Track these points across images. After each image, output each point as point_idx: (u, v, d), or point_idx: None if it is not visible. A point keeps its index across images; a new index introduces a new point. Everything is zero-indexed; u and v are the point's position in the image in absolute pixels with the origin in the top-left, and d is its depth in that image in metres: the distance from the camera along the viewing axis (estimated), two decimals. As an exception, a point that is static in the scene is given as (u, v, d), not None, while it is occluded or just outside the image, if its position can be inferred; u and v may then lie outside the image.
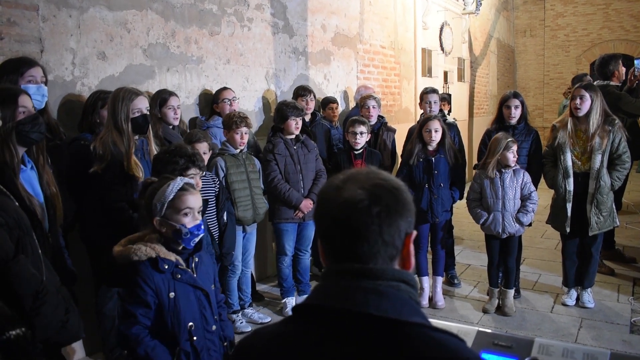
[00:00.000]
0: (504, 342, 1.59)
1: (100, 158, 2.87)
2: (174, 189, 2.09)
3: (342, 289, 0.97)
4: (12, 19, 3.23)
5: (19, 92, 2.16)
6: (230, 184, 3.91)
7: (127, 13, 3.86)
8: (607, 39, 12.98)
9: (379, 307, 0.93)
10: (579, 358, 1.51)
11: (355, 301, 0.94)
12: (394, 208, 1.00)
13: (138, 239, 2.15)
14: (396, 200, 1.01)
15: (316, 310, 0.99)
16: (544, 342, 1.56)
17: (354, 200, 0.98)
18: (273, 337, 1.04)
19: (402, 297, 0.97)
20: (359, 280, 0.97)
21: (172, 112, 3.80)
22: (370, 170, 1.06)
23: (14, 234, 1.59)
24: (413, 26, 8.05)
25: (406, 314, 0.94)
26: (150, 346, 1.96)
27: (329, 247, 1.04)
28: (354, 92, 6.23)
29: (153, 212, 2.08)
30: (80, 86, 3.60)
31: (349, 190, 1.00)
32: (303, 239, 4.46)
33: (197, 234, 2.14)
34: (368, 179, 1.02)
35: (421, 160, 4.35)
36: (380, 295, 0.95)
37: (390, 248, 1.00)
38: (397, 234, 1.00)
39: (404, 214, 1.01)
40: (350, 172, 1.07)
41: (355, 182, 1.02)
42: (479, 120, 10.98)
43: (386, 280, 0.97)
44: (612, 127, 4.08)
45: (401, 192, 1.03)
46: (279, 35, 5.30)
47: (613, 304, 4.41)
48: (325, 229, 1.04)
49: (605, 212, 4.13)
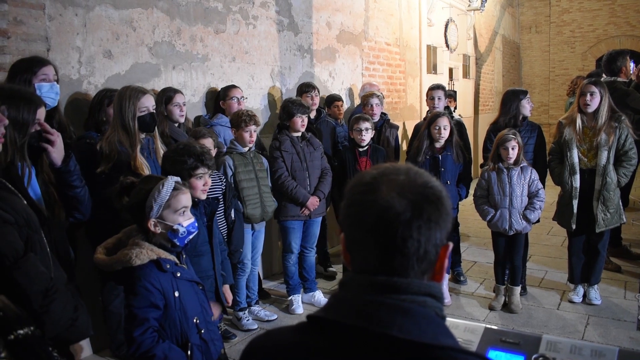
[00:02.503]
0: (512, 339, 1.58)
1: (106, 157, 2.87)
2: (168, 189, 2.08)
3: (364, 305, 0.90)
4: (18, 18, 3.24)
5: (39, 105, 2.16)
6: (239, 182, 3.92)
7: (133, 11, 3.87)
8: (613, 35, 12.91)
9: (402, 328, 0.86)
10: (587, 355, 1.50)
11: (378, 320, 0.87)
12: (435, 221, 0.92)
13: (116, 243, 2.13)
14: (439, 213, 0.93)
15: (334, 325, 0.91)
16: (552, 339, 1.55)
17: (393, 209, 0.90)
18: (286, 345, 0.98)
19: (428, 315, 0.90)
20: (383, 295, 0.90)
21: (177, 110, 3.81)
22: (409, 169, 0.97)
23: (24, 232, 1.60)
24: (418, 23, 8.03)
25: (431, 335, 0.88)
26: (166, 348, 1.97)
27: (358, 255, 0.96)
28: (359, 90, 6.22)
29: (147, 213, 2.06)
30: (87, 84, 3.61)
31: (387, 196, 0.91)
32: (309, 236, 4.47)
33: (192, 232, 2.15)
34: (409, 184, 0.93)
35: (428, 158, 4.35)
36: (405, 314, 0.88)
37: (425, 263, 0.93)
38: (434, 248, 0.93)
39: (443, 227, 0.94)
40: (384, 169, 0.97)
41: (394, 185, 0.93)
42: (484, 117, 10.95)
43: (412, 294, 0.91)
44: (619, 123, 4.07)
45: (443, 203, 0.94)
46: (284, 32, 5.30)
47: (620, 300, 4.40)
48: (357, 237, 0.95)
49: (612, 208, 4.11)
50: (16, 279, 1.36)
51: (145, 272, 1.99)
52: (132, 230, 2.14)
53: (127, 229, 2.16)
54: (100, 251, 2.06)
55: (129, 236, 2.11)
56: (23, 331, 1.06)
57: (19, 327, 1.06)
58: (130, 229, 2.15)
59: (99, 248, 2.08)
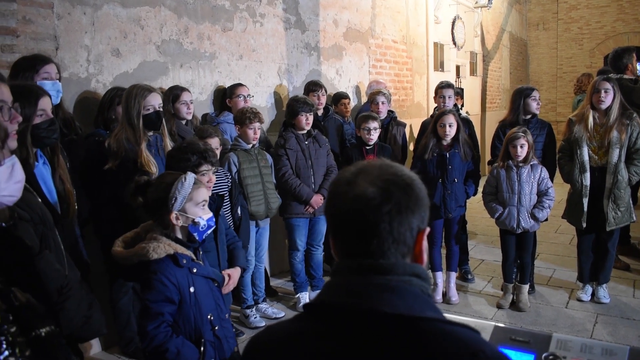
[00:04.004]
0: (522, 337, 1.58)
1: (114, 154, 2.90)
2: (190, 183, 2.11)
3: (353, 286, 0.96)
4: (27, 17, 3.25)
5: (40, 94, 2.19)
6: (243, 179, 3.92)
7: (141, 10, 3.88)
8: (621, 32, 12.81)
9: (391, 304, 0.92)
10: (597, 353, 1.49)
11: (367, 298, 0.93)
12: (405, 205, 0.98)
13: (135, 237, 2.15)
14: (408, 197, 0.98)
15: (328, 307, 0.97)
16: (562, 338, 1.54)
17: (365, 197, 0.97)
18: (285, 335, 1.03)
19: (413, 292, 0.96)
20: (370, 276, 0.96)
21: (185, 107, 3.82)
22: (382, 163, 1.04)
23: (39, 230, 1.61)
24: (425, 20, 8.00)
25: (418, 309, 0.93)
26: (179, 343, 1.98)
27: (340, 243, 1.03)
28: (366, 87, 6.21)
29: (170, 206, 2.08)
30: (95, 83, 3.62)
31: (360, 186, 0.98)
32: (315, 234, 4.47)
33: (211, 226, 2.18)
34: (380, 174, 1.00)
35: (435, 155, 4.34)
36: (392, 291, 0.94)
37: (401, 245, 0.98)
38: (408, 231, 0.98)
39: (416, 211, 0.99)
40: (361, 164, 1.05)
41: (367, 176, 0.99)
42: (492, 115, 10.91)
43: (397, 275, 0.96)
44: (630, 120, 4.04)
45: (414, 188, 1.00)
46: (291, 30, 5.30)
47: (629, 299, 4.37)
48: (336, 225, 1.03)
49: (622, 207, 4.09)
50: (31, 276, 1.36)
51: (162, 267, 2.00)
52: (151, 225, 2.16)
53: (146, 223, 2.19)
54: (118, 244, 2.09)
55: (147, 231, 2.13)
56: (45, 329, 1.07)
57: (41, 326, 1.07)
58: (149, 224, 2.17)
59: (117, 241, 2.10)
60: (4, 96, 1.67)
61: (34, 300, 1.16)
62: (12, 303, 1.08)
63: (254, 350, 1.06)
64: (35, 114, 2.14)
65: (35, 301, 1.17)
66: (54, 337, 1.16)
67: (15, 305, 1.09)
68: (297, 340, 0.99)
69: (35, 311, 1.14)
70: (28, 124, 2.07)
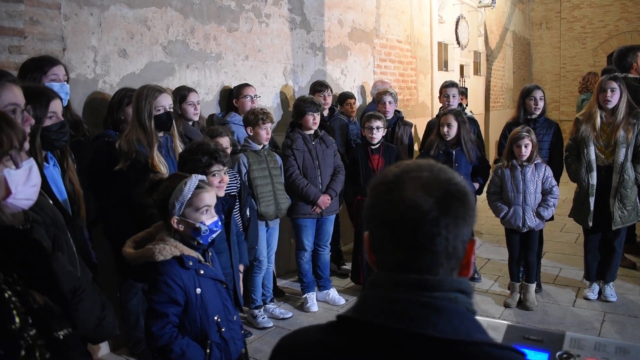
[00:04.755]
0: (535, 336, 1.58)
1: (125, 155, 2.90)
2: (191, 188, 2.09)
3: (396, 303, 0.89)
4: (34, 18, 3.26)
5: (52, 97, 2.19)
6: (253, 179, 3.93)
7: (147, 10, 3.88)
8: (624, 31, 12.77)
9: (437, 326, 0.86)
10: (611, 352, 1.49)
11: (410, 319, 0.87)
12: (462, 217, 0.92)
13: (146, 237, 2.15)
14: (465, 209, 0.93)
15: (366, 326, 0.90)
16: (575, 336, 1.54)
17: (420, 209, 0.89)
18: (314, 345, 0.97)
19: (460, 311, 0.90)
20: (415, 294, 0.90)
21: (192, 108, 3.82)
22: (432, 166, 0.96)
23: (51, 231, 1.61)
24: (429, 20, 8.00)
25: (465, 332, 0.88)
26: (184, 344, 1.98)
27: (384, 254, 0.96)
28: (371, 87, 6.21)
29: (170, 211, 2.08)
30: (102, 84, 3.63)
31: (412, 194, 0.91)
32: (322, 234, 4.47)
33: (215, 230, 2.15)
34: (433, 180, 0.93)
35: (441, 153, 4.35)
36: (438, 312, 0.88)
37: (453, 259, 0.93)
38: (461, 243, 0.93)
39: (470, 222, 0.94)
40: (406, 166, 0.97)
41: (418, 183, 0.92)
42: (495, 114, 10.90)
43: (443, 291, 0.90)
44: (637, 119, 4.03)
45: (469, 198, 0.94)
46: (296, 30, 5.30)
47: (636, 297, 4.37)
48: (383, 235, 0.95)
49: (629, 206, 4.08)
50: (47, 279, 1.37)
51: (167, 268, 2.00)
52: (162, 225, 2.16)
53: (158, 223, 2.19)
54: (129, 244, 2.09)
55: (158, 231, 2.13)
56: (63, 332, 1.07)
57: (59, 328, 1.07)
58: (161, 224, 2.17)
59: (128, 241, 2.10)
60: (17, 99, 1.68)
61: (51, 303, 1.16)
62: (30, 306, 1.08)
63: (282, 354, 1.02)
64: (46, 116, 2.14)
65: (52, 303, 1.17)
66: (71, 340, 1.16)
67: (34, 307, 1.09)
68: (324, 353, 0.94)
69: (53, 313, 1.15)
70: (38, 125, 2.07)
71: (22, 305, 1.05)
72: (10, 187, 1.19)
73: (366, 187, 4.24)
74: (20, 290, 1.08)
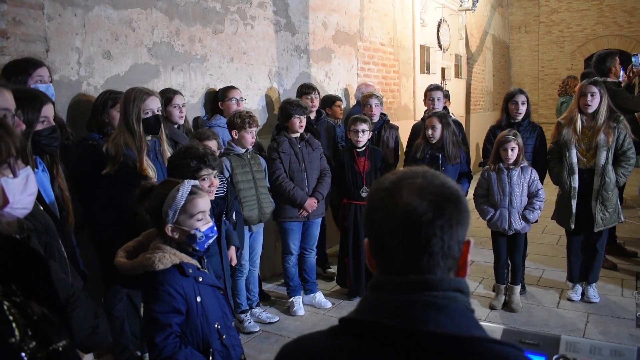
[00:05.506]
0: (531, 339, 1.59)
1: (112, 159, 2.84)
2: (184, 194, 2.03)
3: (398, 303, 0.93)
4: (17, 18, 3.19)
5: (45, 101, 2.13)
6: (236, 183, 3.89)
7: (132, 12, 3.83)
8: (601, 35, 13.04)
9: (438, 323, 0.90)
10: (606, 354, 1.51)
11: (413, 317, 0.91)
12: (456, 218, 0.96)
13: (137, 247, 2.09)
14: (458, 211, 0.97)
15: (367, 325, 0.93)
16: (571, 340, 1.56)
17: (416, 211, 0.94)
18: (317, 350, 0.98)
19: (459, 309, 0.94)
20: (416, 293, 0.93)
21: (177, 111, 3.78)
22: (426, 172, 1.01)
23: (42, 239, 1.57)
24: (412, 23, 8.05)
25: (465, 328, 0.91)
26: (188, 353, 1.94)
27: (384, 258, 0.99)
28: (355, 90, 6.22)
29: (163, 219, 2.02)
30: (86, 86, 3.57)
31: (407, 199, 0.95)
32: (308, 237, 4.46)
33: (211, 236, 2.11)
34: (427, 185, 0.97)
35: (427, 157, 4.37)
36: (439, 310, 0.91)
37: (450, 259, 0.97)
38: (457, 244, 0.97)
39: (464, 223, 0.98)
40: (401, 173, 1.01)
41: (412, 187, 0.97)
42: (476, 117, 11.02)
43: (443, 290, 0.94)
44: (617, 123, 4.11)
45: (462, 201, 0.99)
46: (281, 33, 5.28)
47: (618, 298, 4.44)
48: (382, 239, 0.98)
49: (610, 208, 4.15)
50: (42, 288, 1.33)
51: (168, 277, 1.95)
52: (153, 233, 2.10)
53: (148, 231, 2.12)
54: (120, 255, 2.02)
55: (150, 239, 2.08)
56: (62, 343, 1.04)
57: (58, 340, 1.04)
58: (152, 232, 2.11)
59: (120, 251, 2.03)
60: (8, 103, 1.63)
61: (49, 313, 1.13)
62: (30, 317, 1.05)
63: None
64: (38, 120, 2.09)
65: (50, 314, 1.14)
66: (69, 351, 1.14)
67: (33, 319, 1.06)
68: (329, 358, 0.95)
69: (52, 324, 1.12)
70: (30, 130, 2.02)
71: (21, 317, 1.02)
72: (8, 196, 1.15)
73: (352, 189, 4.26)
74: (20, 302, 1.05)
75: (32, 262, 1.13)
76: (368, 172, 4.47)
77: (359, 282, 4.52)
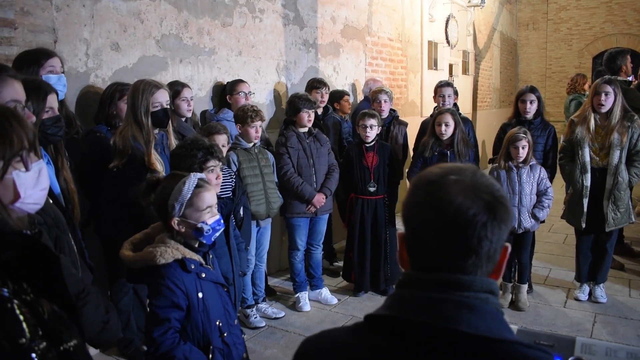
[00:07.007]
0: (546, 341, 1.56)
1: (120, 153, 2.81)
2: (190, 187, 2.01)
3: (429, 301, 0.91)
4: (25, 9, 3.16)
5: (49, 91, 2.11)
6: (243, 178, 3.85)
7: (141, 3, 3.79)
8: (609, 33, 12.93)
9: (470, 324, 0.88)
10: (622, 357, 1.48)
11: (445, 316, 0.89)
12: (504, 222, 0.94)
13: (144, 239, 2.07)
14: (507, 215, 0.95)
15: (395, 322, 0.92)
16: (586, 342, 1.53)
17: (468, 211, 0.91)
18: (341, 347, 0.96)
19: (491, 310, 0.92)
20: (448, 292, 0.92)
21: (185, 104, 3.75)
22: (475, 171, 0.98)
23: (53, 233, 1.54)
24: (420, 19, 7.99)
25: (496, 330, 0.90)
26: (187, 350, 1.92)
27: (421, 254, 0.97)
28: (362, 85, 6.18)
29: (170, 212, 2.00)
30: (94, 77, 3.54)
31: (458, 197, 0.92)
32: (315, 233, 4.43)
33: (218, 229, 2.08)
34: (477, 184, 0.95)
35: (436, 154, 4.33)
36: (471, 310, 0.90)
37: (491, 262, 0.96)
38: (500, 248, 0.96)
39: (509, 228, 0.97)
40: (449, 168, 0.98)
41: (464, 186, 0.94)
42: (483, 114, 10.96)
43: (475, 291, 0.92)
44: (631, 123, 4.06)
45: (509, 204, 0.97)
46: (289, 26, 5.24)
47: (625, 298, 4.41)
48: (423, 234, 0.95)
49: (622, 208, 4.11)
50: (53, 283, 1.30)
51: (169, 272, 1.92)
52: (161, 226, 2.08)
53: (156, 224, 2.10)
54: (126, 247, 2.00)
55: (157, 232, 2.05)
56: (73, 343, 1.02)
57: (69, 339, 1.02)
58: (159, 225, 2.09)
59: (126, 243, 2.01)
60: (18, 95, 1.60)
61: (60, 311, 1.11)
62: (41, 316, 1.03)
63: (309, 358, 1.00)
64: (43, 110, 2.06)
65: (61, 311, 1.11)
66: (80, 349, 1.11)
67: (44, 318, 1.03)
68: (358, 354, 0.93)
69: (63, 323, 1.09)
70: (36, 120, 2.00)
71: (32, 316, 1.00)
72: (19, 190, 1.12)
73: (360, 184, 4.22)
74: (31, 300, 1.02)
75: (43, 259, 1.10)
76: (376, 167, 4.44)
77: (363, 277, 4.50)
